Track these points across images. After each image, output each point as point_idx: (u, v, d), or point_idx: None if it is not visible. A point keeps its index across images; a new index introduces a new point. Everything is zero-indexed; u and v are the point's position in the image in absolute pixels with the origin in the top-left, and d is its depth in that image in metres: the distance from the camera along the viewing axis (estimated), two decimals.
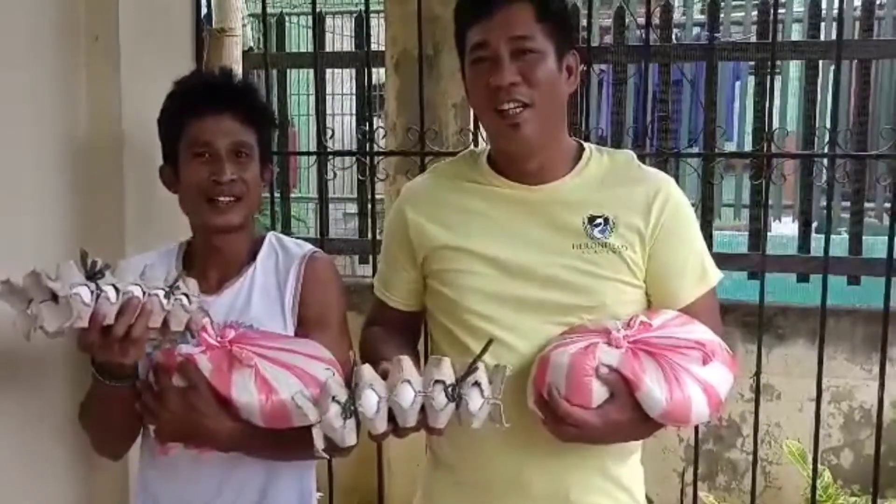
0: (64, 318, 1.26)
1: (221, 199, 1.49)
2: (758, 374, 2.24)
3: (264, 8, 2.29)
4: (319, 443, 1.22)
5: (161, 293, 1.36)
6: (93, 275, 1.29)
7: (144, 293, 1.34)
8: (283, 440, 1.39)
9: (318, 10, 2.40)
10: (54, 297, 1.26)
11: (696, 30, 5.88)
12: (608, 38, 4.64)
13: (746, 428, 3.11)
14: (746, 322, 2.57)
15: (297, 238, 1.69)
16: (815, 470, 2.37)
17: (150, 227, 1.80)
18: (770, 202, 4.03)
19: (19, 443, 1.65)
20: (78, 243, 1.73)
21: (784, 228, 5.30)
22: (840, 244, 3.48)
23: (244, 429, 1.38)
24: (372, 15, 2.39)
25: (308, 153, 4.41)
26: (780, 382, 2.98)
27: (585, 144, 1.51)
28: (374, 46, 2.55)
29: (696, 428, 2.32)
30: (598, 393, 1.30)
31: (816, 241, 3.45)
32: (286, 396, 1.34)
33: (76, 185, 1.77)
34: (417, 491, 1.62)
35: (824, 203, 4.41)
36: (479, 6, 1.39)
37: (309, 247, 1.60)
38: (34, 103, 1.67)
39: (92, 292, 1.28)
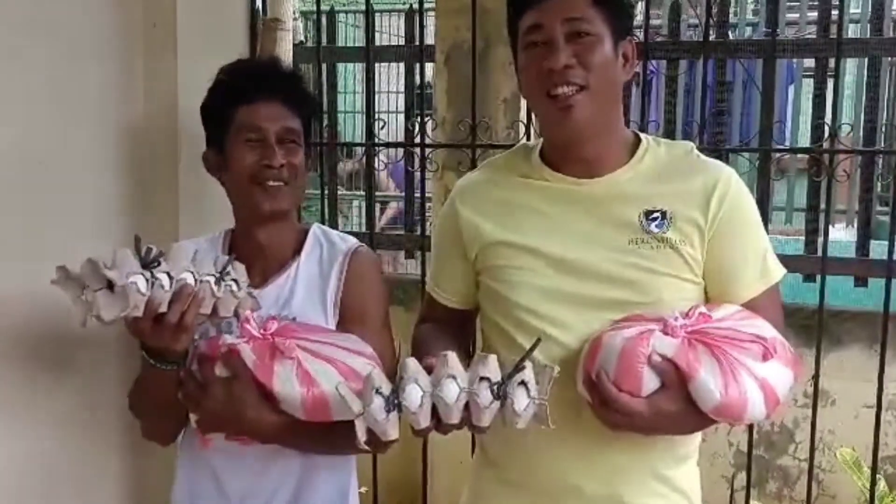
0: (120, 307, 1.27)
1: (271, 182, 1.49)
2: (816, 378, 2.17)
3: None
4: (362, 435, 1.19)
5: (212, 279, 1.36)
6: (148, 263, 1.30)
7: (196, 280, 1.34)
8: (322, 434, 1.38)
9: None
10: (110, 286, 1.26)
11: (748, 30, 5.78)
12: (658, 39, 4.57)
13: (799, 434, 3.04)
14: (802, 325, 2.50)
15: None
16: (873, 480, 2.29)
17: (204, 211, 1.82)
18: (823, 206, 3.94)
19: (69, 434, 1.66)
20: (134, 227, 1.75)
21: (836, 234, 5.17)
22: None
23: (286, 421, 1.36)
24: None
25: (356, 144, 4.45)
26: (836, 388, 2.90)
27: (642, 136, 1.46)
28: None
29: (750, 432, 2.26)
30: (649, 381, 1.25)
31: (874, 246, 3.36)
32: (327, 389, 1.32)
33: (132, 170, 1.78)
34: (465, 489, 1.59)
35: (880, 206, 4.30)
36: None
37: (353, 241, 1.58)
38: (92, 89, 1.69)
39: (147, 280, 1.28)
